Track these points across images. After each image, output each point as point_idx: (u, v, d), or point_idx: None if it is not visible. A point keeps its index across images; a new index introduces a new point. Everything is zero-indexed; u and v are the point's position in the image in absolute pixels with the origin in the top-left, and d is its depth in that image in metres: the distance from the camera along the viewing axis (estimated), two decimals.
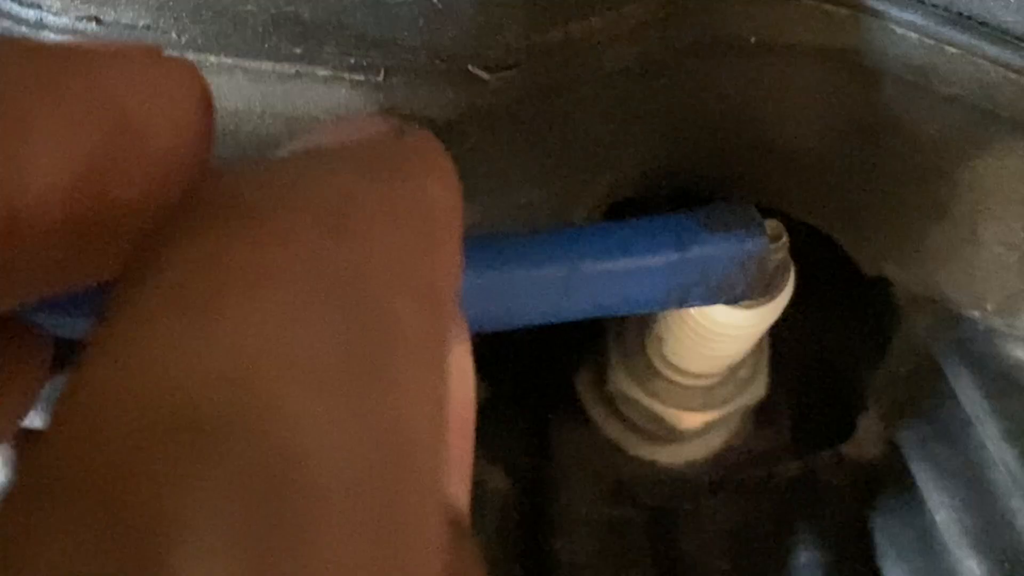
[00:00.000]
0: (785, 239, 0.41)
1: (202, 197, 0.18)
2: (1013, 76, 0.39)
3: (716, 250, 0.38)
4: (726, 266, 0.38)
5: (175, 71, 0.22)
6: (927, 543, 0.51)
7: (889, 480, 0.54)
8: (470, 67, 0.36)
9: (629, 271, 0.37)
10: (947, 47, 0.40)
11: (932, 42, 0.40)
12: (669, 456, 0.56)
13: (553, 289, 0.36)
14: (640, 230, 0.37)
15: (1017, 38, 0.39)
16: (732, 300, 0.39)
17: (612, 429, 0.56)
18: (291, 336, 0.16)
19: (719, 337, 0.44)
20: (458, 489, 0.25)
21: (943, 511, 0.49)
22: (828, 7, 0.41)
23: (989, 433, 0.46)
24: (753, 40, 0.42)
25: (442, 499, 0.19)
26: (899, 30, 0.40)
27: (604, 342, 0.54)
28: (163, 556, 0.14)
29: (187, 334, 0.16)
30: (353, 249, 0.18)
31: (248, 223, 0.17)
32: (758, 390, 0.53)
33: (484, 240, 0.35)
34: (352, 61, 0.36)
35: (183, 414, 0.15)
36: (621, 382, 0.52)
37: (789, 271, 0.43)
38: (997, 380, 0.47)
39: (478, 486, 0.54)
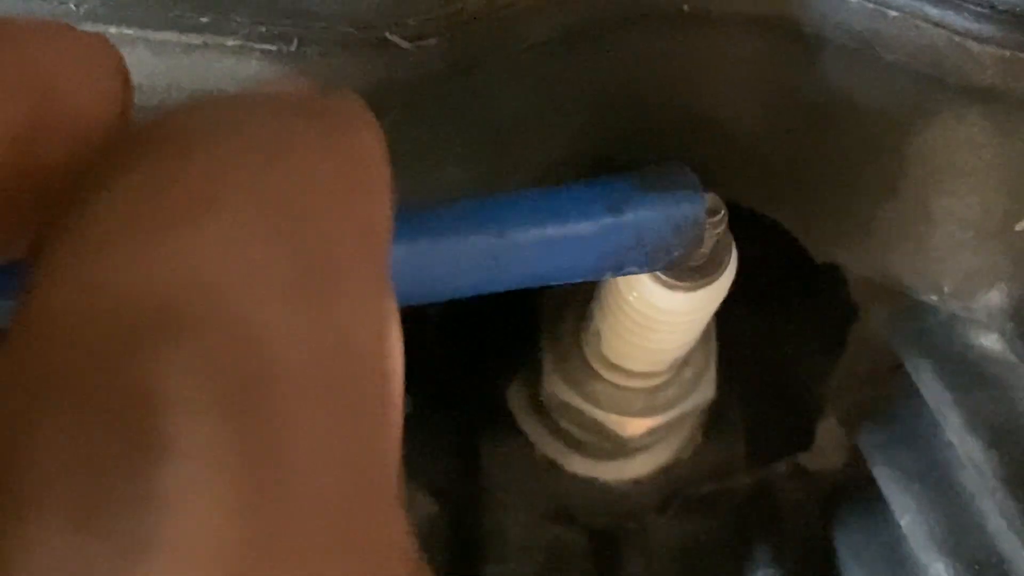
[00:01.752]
0: (724, 213, 0.46)
1: (140, 131, 0.23)
2: (958, 39, 0.45)
3: (651, 212, 0.42)
4: (662, 229, 0.42)
5: (92, 43, 0.27)
6: (894, 555, 0.56)
7: (852, 490, 0.59)
8: (388, 35, 0.41)
9: (561, 237, 0.41)
10: (888, 11, 0.45)
11: (873, 6, 0.45)
12: (612, 473, 0.61)
13: (481, 259, 0.40)
14: (571, 194, 0.42)
15: None
16: (669, 266, 0.44)
17: (548, 445, 0.61)
18: (246, 252, 0.21)
19: (660, 325, 0.50)
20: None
21: (908, 515, 0.54)
22: None
23: (953, 428, 0.52)
24: (686, 8, 0.48)
25: (396, 421, 0.24)
26: None
27: (537, 346, 0.59)
28: (160, 425, 0.19)
29: (147, 250, 0.20)
30: (293, 178, 0.23)
31: (192, 150, 0.22)
32: (706, 391, 0.58)
33: (406, 210, 0.40)
34: (263, 30, 0.41)
35: (158, 314, 0.20)
36: (556, 387, 0.57)
37: (731, 250, 0.48)
38: (959, 372, 0.53)
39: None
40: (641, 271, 0.44)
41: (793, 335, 0.64)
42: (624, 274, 0.44)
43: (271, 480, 0.19)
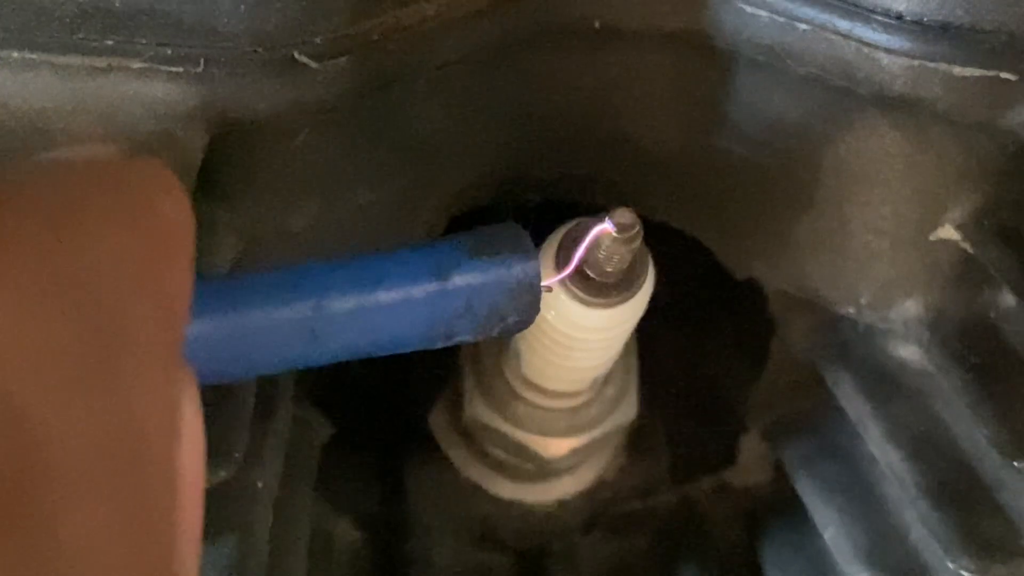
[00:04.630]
0: (638, 228, 0.45)
1: None
2: (867, 50, 0.45)
3: (481, 277, 0.40)
4: (493, 294, 0.40)
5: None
6: (819, 568, 0.57)
7: (775, 505, 0.60)
8: (296, 55, 0.41)
9: (384, 306, 0.39)
10: (798, 24, 0.45)
11: (783, 19, 0.45)
12: (537, 495, 0.61)
13: (297, 332, 0.37)
14: (395, 260, 0.39)
15: (868, 9, 0.44)
16: (505, 332, 0.42)
17: (472, 468, 0.61)
18: (22, 332, 0.20)
19: (579, 342, 0.49)
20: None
21: (831, 528, 0.54)
22: None
23: (873, 439, 0.52)
24: (598, 25, 0.48)
25: (191, 507, 0.23)
26: (748, 9, 0.46)
27: (458, 370, 0.59)
28: None
29: None
30: (82, 251, 0.22)
31: None
32: (629, 410, 0.58)
33: (215, 281, 0.38)
34: (169, 52, 0.40)
35: None
36: (478, 410, 0.57)
37: (647, 266, 0.48)
38: (879, 383, 0.53)
39: (324, 539, 0.58)
40: (474, 338, 0.42)
41: (714, 351, 0.64)
42: (456, 343, 0.41)
43: None
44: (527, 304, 0.41)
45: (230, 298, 0.37)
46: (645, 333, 0.55)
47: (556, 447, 0.57)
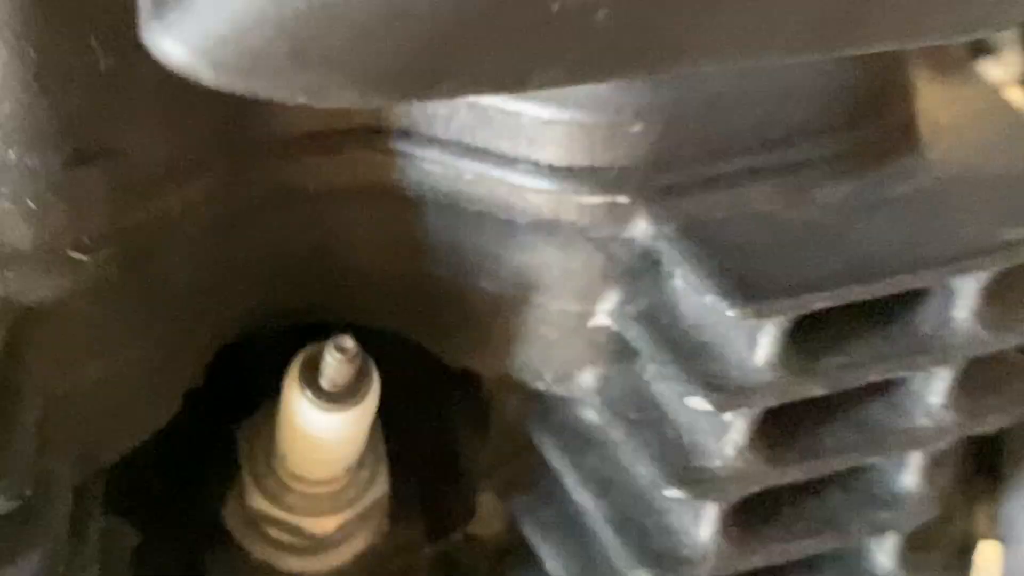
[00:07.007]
0: (356, 351, 0.58)
1: None
2: (516, 190, 0.58)
3: None
4: None
5: None
6: None
7: (513, 548, 0.71)
8: (69, 252, 0.51)
9: None
10: (464, 174, 0.58)
11: (453, 172, 0.58)
12: (318, 565, 0.71)
13: None
14: None
15: (513, 159, 0.57)
16: None
17: (262, 550, 0.71)
18: None
19: (325, 442, 0.61)
20: None
21: (550, 560, 0.66)
22: (366, 154, 0.59)
23: (571, 485, 0.65)
24: (312, 188, 0.60)
25: None
26: (425, 165, 0.59)
27: (240, 472, 0.70)
28: None
29: None
30: None
31: None
32: (381, 486, 0.69)
33: None
34: None
35: None
36: (258, 502, 0.68)
37: (372, 376, 0.60)
38: (573, 439, 0.65)
39: None
40: None
41: (452, 423, 0.75)
42: None
43: None
44: None
45: None
46: (395, 411, 0.66)
47: (324, 524, 0.68)
